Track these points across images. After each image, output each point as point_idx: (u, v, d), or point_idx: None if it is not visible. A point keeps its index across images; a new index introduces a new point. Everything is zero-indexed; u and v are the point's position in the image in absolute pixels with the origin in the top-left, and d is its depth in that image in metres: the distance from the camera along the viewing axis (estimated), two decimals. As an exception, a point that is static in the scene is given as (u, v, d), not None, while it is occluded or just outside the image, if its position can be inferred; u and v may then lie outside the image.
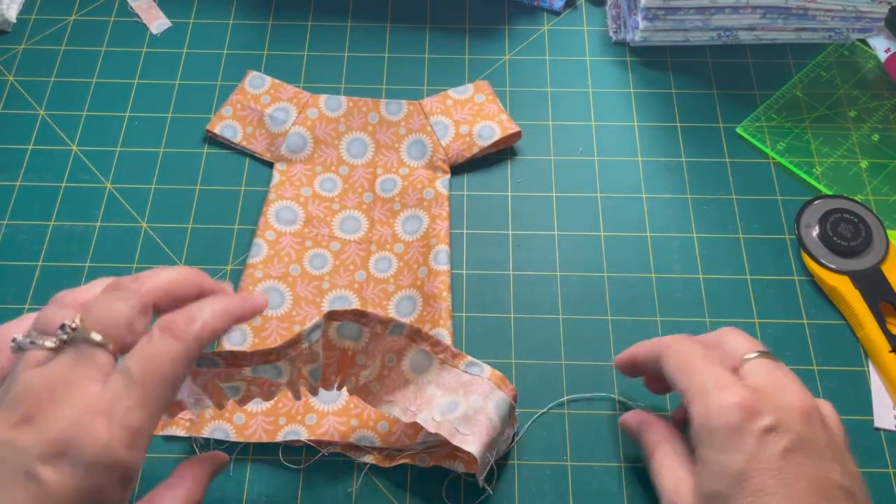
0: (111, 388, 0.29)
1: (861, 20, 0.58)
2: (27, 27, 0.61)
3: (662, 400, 0.46)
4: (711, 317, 0.49)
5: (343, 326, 0.40)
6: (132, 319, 0.31)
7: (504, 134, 0.54)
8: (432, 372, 0.41)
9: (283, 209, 0.52)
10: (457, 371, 0.42)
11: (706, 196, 0.54)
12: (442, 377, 0.41)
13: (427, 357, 0.41)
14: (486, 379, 0.41)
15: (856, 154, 0.55)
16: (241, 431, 0.44)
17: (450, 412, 0.40)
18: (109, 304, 0.31)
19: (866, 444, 0.45)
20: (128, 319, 0.31)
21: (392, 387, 0.41)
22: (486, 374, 0.42)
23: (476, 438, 0.39)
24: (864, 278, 0.49)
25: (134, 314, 0.31)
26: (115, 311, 0.31)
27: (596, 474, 0.44)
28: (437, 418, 0.39)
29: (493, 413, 0.41)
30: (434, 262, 0.49)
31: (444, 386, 0.41)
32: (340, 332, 0.40)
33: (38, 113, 0.57)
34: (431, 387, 0.41)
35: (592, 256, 0.51)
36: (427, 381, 0.41)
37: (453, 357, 0.42)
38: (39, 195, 0.53)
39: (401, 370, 0.41)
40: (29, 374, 0.29)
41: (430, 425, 0.39)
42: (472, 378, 0.41)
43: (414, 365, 0.41)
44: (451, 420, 0.39)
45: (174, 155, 0.55)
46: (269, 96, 0.56)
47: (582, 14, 0.62)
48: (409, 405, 0.40)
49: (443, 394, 0.41)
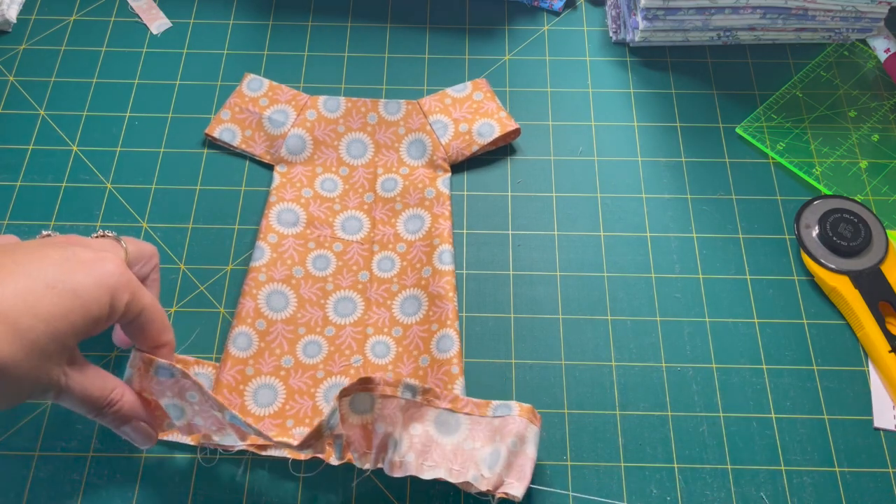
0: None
1: (861, 20, 0.58)
2: (27, 27, 0.61)
3: (663, 402, 0.47)
4: (711, 317, 0.49)
5: (355, 401, 0.40)
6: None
7: (503, 131, 0.54)
8: (463, 429, 0.41)
9: (284, 211, 0.52)
10: (487, 419, 0.42)
11: (706, 196, 0.54)
12: (475, 431, 0.41)
13: (451, 415, 0.42)
14: (516, 416, 0.41)
15: (855, 154, 0.55)
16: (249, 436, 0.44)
17: (495, 463, 0.40)
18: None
19: (866, 444, 0.45)
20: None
21: (427, 452, 0.41)
22: (516, 411, 0.42)
23: (520, 483, 0.40)
24: (863, 278, 0.49)
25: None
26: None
27: (596, 474, 0.44)
28: (486, 474, 0.40)
29: (532, 450, 0.41)
30: (438, 262, 0.49)
31: (481, 438, 0.41)
32: (354, 408, 0.40)
33: (38, 113, 0.57)
34: (469, 442, 0.41)
35: (592, 256, 0.51)
36: (462, 439, 0.41)
37: (478, 408, 0.42)
38: (40, 195, 0.53)
39: (429, 435, 0.41)
40: None
41: (482, 484, 0.40)
42: (503, 420, 0.41)
43: (442, 428, 0.41)
44: (499, 472, 0.40)
45: (174, 155, 0.55)
46: (267, 99, 0.56)
47: (582, 14, 0.62)
48: (453, 465, 0.40)
49: (482, 445, 0.41)
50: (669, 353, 0.48)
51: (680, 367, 0.48)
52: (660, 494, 0.44)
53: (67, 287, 0.33)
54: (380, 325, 0.48)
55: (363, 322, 0.49)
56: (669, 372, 0.47)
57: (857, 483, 0.44)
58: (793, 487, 0.44)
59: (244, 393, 0.46)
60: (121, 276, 0.36)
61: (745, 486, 0.44)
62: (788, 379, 0.47)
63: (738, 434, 0.45)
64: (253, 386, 0.46)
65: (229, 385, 0.45)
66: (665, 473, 0.44)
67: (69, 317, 0.33)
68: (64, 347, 0.34)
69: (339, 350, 0.48)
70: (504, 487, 0.40)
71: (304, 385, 0.46)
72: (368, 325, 0.48)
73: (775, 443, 0.45)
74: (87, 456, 0.45)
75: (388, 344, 0.48)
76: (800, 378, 0.47)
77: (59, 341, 0.33)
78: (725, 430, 0.46)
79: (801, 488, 0.44)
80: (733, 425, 0.46)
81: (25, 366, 0.32)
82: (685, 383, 0.47)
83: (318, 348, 0.48)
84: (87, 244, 0.38)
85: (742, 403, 0.46)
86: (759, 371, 0.47)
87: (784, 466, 0.44)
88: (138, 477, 0.44)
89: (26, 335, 0.32)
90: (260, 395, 0.46)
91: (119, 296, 0.35)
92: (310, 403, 0.46)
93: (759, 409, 0.46)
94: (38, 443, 0.45)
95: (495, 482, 0.40)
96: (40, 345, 0.32)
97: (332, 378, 0.47)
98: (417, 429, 0.41)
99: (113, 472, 0.44)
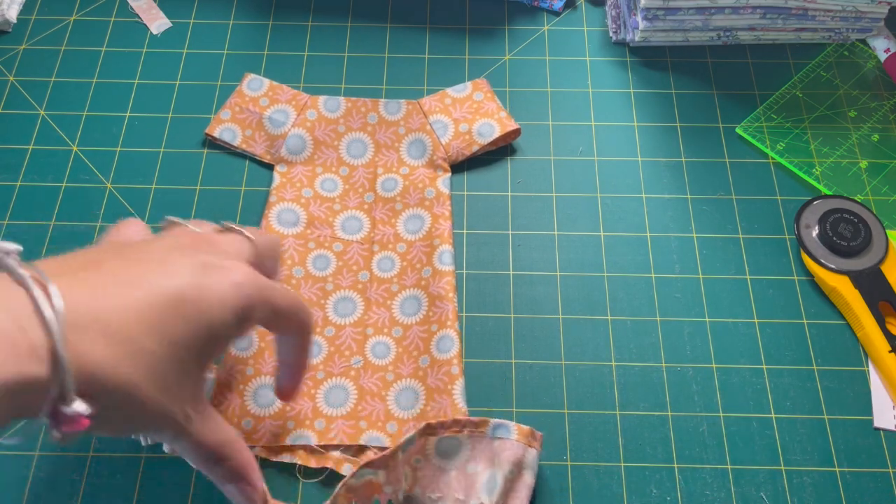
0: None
1: (861, 20, 0.58)
2: (27, 27, 0.61)
3: (663, 402, 0.47)
4: (711, 317, 0.49)
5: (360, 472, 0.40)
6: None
7: (504, 131, 0.54)
8: (465, 450, 0.41)
9: (284, 211, 0.52)
10: (486, 439, 0.42)
11: (706, 196, 0.54)
12: (476, 451, 0.41)
13: (452, 439, 0.42)
14: (514, 441, 0.41)
15: (855, 154, 0.55)
16: (250, 436, 0.44)
17: (493, 489, 0.40)
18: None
19: (866, 444, 0.45)
20: None
21: (432, 483, 0.41)
22: (514, 434, 0.42)
23: None
24: (863, 278, 0.49)
25: None
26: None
27: (596, 474, 0.44)
28: (486, 502, 0.40)
29: (530, 476, 0.41)
30: (439, 263, 0.49)
31: (482, 459, 0.41)
32: (359, 476, 0.40)
33: (38, 113, 0.57)
34: (471, 465, 0.41)
35: (592, 256, 0.51)
36: (464, 461, 0.41)
37: (476, 426, 0.42)
38: (40, 195, 0.53)
39: (433, 464, 0.41)
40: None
41: None
42: (500, 443, 0.41)
43: (443, 453, 0.41)
44: (496, 500, 0.40)
45: (174, 155, 0.55)
46: (267, 98, 0.56)
47: (582, 14, 0.62)
48: (458, 493, 0.41)
49: (483, 468, 0.41)
50: (669, 353, 0.48)
51: (680, 367, 0.48)
52: (660, 494, 0.44)
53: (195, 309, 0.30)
54: (380, 325, 0.48)
55: (363, 322, 0.49)
56: (669, 372, 0.47)
57: (857, 483, 0.44)
58: (793, 487, 0.44)
59: (244, 393, 0.45)
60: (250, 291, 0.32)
61: (745, 486, 0.44)
62: (788, 379, 0.47)
63: (738, 434, 0.45)
64: (253, 386, 0.46)
65: (229, 385, 0.45)
66: (665, 473, 0.44)
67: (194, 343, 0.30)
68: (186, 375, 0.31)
69: (339, 350, 0.48)
70: None
71: (304, 386, 0.46)
72: (368, 325, 0.48)
73: (775, 443, 0.45)
74: (87, 456, 0.45)
75: (388, 344, 0.48)
76: (800, 378, 0.47)
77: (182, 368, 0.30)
78: (725, 430, 0.46)
79: (801, 488, 0.44)
80: (733, 425, 0.46)
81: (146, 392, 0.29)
82: (685, 383, 0.47)
83: (318, 349, 0.48)
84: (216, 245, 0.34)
85: (742, 403, 0.46)
86: (759, 371, 0.47)
87: (784, 466, 0.45)
88: (138, 477, 0.44)
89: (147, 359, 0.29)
90: (260, 395, 0.46)
91: (251, 314, 0.32)
92: (310, 405, 0.46)
93: (759, 409, 0.46)
94: (38, 443, 0.45)
95: None
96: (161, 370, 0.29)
97: (333, 379, 0.47)
98: (421, 462, 0.41)
99: (113, 472, 0.44)
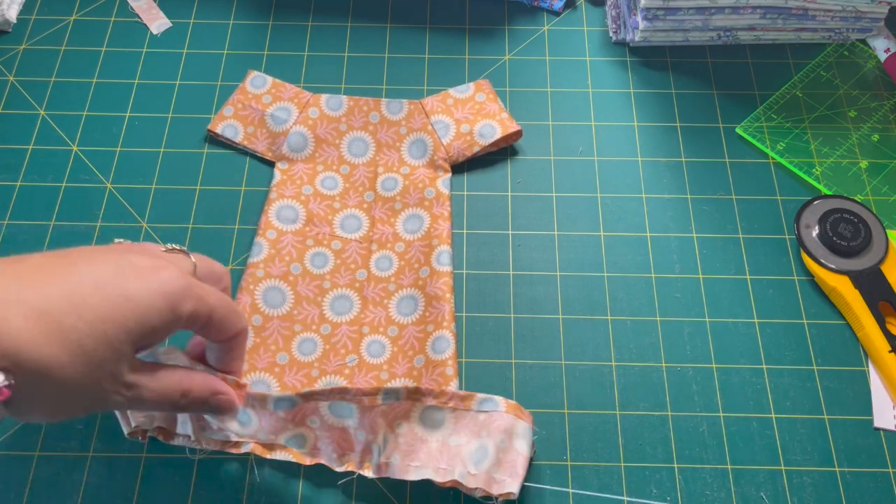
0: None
1: (861, 20, 0.58)
2: (27, 27, 0.61)
3: (663, 402, 0.47)
4: (711, 317, 0.49)
5: (334, 406, 0.40)
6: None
7: (505, 133, 0.54)
8: (448, 423, 0.41)
9: (284, 208, 0.52)
10: (471, 413, 0.41)
11: (706, 196, 0.54)
12: (460, 425, 0.41)
13: (437, 410, 0.41)
14: (503, 413, 0.41)
15: (855, 154, 0.55)
16: None
17: (482, 459, 0.40)
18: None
19: (866, 444, 0.45)
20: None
21: (413, 451, 0.41)
22: (502, 407, 0.41)
23: (513, 479, 0.40)
24: (863, 278, 0.49)
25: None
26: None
27: (596, 474, 0.44)
28: (472, 471, 0.40)
29: (521, 446, 0.41)
30: (436, 263, 0.49)
31: (466, 433, 0.41)
32: (335, 412, 0.40)
33: (38, 113, 0.57)
34: (454, 437, 0.41)
35: (592, 256, 0.51)
36: (447, 434, 0.41)
37: (462, 400, 0.42)
38: (40, 195, 0.53)
39: (415, 433, 0.41)
40: None
41: (469, 481, 0.40)
42: (488, 415, 0.41)
43: (426, 422, 0.41)
44: (487, 469, 0.40)
45: (174, 155, 0.55)
46: (270, 96, 0.56)
47: (582, 14, 0.62)
48: (439, 463, 0.40)
49: (467, 440, 0.41)
50: (669, 353, 0.48)
51: (680, 367, 0.48)
52: (660, 494, 0.44)
53: (118, 290, 0.32)
54: (376, 324, 0.48)
55: (359, 321, 0.49)
56: (669, 372, 0.47)
57: (857, 483, 0.44)
58: (793, 487, 0.44)
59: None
60: (180, 284, 0.34)
61: (745, 485, 0.44)
62: (788, 379, 0.47)
63: (738, 434, 0.45)
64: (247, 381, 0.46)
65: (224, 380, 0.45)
66: (665, 473, 0.44)
67: (120, 320, 0.32)
68: (116, 353, 0.32)
69: (334, 349, 0.48)
70: (497, 486, 0.40)
71: (298, 383, 0.46)
72: (364, 323, 0.48)
73: (775, 443, 0.45)
74: (87, 456, 0.45)
75: (384, 343, 0.48)
76: (800, 378, 0.47)
77: (110, 345, 0.31)
78: (725, 430, 0.46)
79: (801, 488, 0.44)
80: (733, 425, 0.46)
81: (70, 369, 0.30)
82: (685, 383, 0.47)
83: (313, 346, 0.48)
84: (151, 250, 0.37)
85: (742, 403, 0.46)
86: (759, 371, 0.47)
87: (784, 466, 0.44)
88: (138, 477, 0.44)
89: (69, 335, 0.30)
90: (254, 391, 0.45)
91: (181, 304, 0.34)
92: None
93: (759, 409, 0.46)
94: (38, 443, 0.45)
95: (484, 479, 0.39)
96: (86, 347, 0.31)
97: (327, 377, 0.47)
98: (402, 427, 0.41)
99: (113, 472, 0.44)
